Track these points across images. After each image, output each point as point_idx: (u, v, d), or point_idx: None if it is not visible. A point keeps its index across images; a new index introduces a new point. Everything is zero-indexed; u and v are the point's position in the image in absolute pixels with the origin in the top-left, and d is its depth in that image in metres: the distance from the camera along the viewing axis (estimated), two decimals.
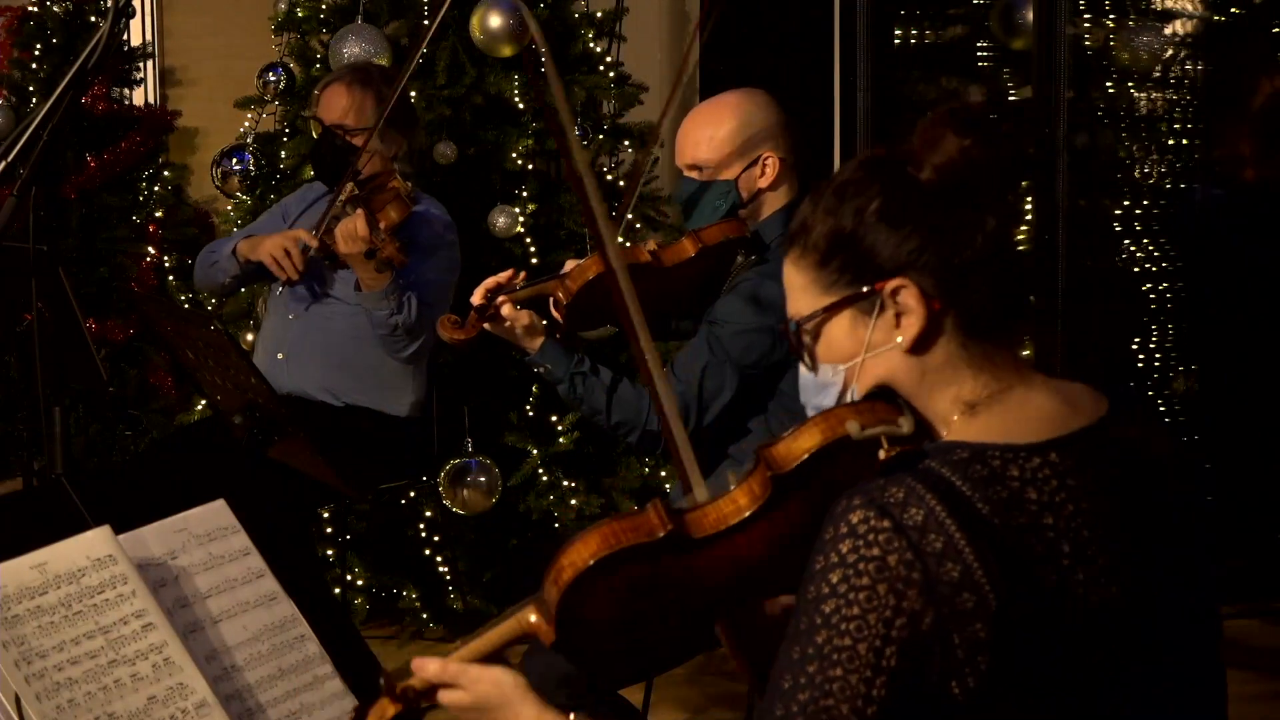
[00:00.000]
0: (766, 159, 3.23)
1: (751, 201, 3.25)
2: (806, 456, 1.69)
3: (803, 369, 1.78)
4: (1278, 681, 4.41)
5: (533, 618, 1.75)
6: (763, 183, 3.24)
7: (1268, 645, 4.63)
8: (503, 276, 3.21)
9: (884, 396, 1.71)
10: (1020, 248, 1.74)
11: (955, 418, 1.70)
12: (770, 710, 1.60)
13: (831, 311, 1.72)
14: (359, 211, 3.88)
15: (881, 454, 1.64)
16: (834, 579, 1.57)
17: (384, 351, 4.09)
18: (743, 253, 3.22)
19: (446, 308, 4.18)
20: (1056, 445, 1.65)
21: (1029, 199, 4.48)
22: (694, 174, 3.27)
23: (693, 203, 3.26)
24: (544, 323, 3.20)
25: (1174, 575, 1.70)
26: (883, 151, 1.74)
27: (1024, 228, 4.55)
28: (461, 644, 1.82)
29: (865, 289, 1.70)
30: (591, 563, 1.68)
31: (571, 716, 1.77)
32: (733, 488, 1.72)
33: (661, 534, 1.69)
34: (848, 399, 1.73)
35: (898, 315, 1.69)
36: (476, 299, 3.17)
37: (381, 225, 3.85)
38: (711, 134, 3.24)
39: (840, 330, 1.73)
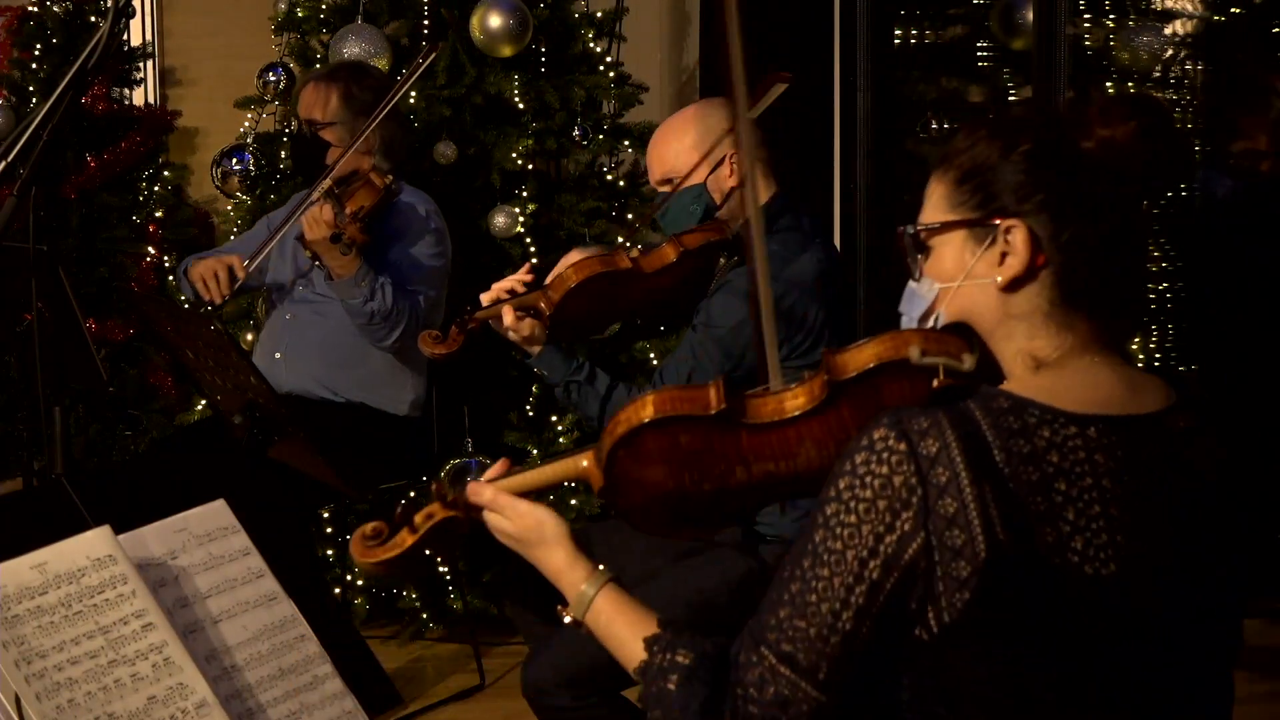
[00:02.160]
0: (732, 157, 3.22)
1: (726, 202, 3.25)
2: (865, 369, 1.77)
3: (909, 282, 1.83)
4: (1278, 681, 4.42)
5: (585, 462, 1.88)
6: (732, 181, 3.23)
7: (1268, 645, 4.63)
8: (520, 277, 3.23)
9: (960, 332, 1.77)
10: (1144, 249, 1.77)
11: (1019, 368, 1.74)
12: (769, 592, 1.70)
13: (948, 228, 1.77)
14: (326, 200, 3.92)
15: (935, 383, 1.72)
16: (842, 485, 1.66)
17: (368, 341, 4.11)
18: (724, 255, 3.22)
19: (435, 292, 4.19)
20: (1100, 421, 1.68)
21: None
22: (665, 188, 3.28)
23: (670, 215, 3.27)
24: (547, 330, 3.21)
25: (1187, 576, 1.71)
26: (1062, 108, 1.79)
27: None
28: (518, 470, 1.93)
29: (983, 219, 1.74)
30: (645, 420, 1.80)
31: (600, 568, 1.87)
32: (795, 385, 1.81)
33: (714, 410, 1.79)
34: (931, 322, 1.79)
35: (1003, 254, 1.73)
36: (486, 301, 3.21)
37: (348, 210, 3.88)
38: (676, 147, 3.26)
39: (950, 250, 1.78)
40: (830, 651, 1.65)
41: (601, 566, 1.87)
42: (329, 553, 4.65)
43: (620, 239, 3.33)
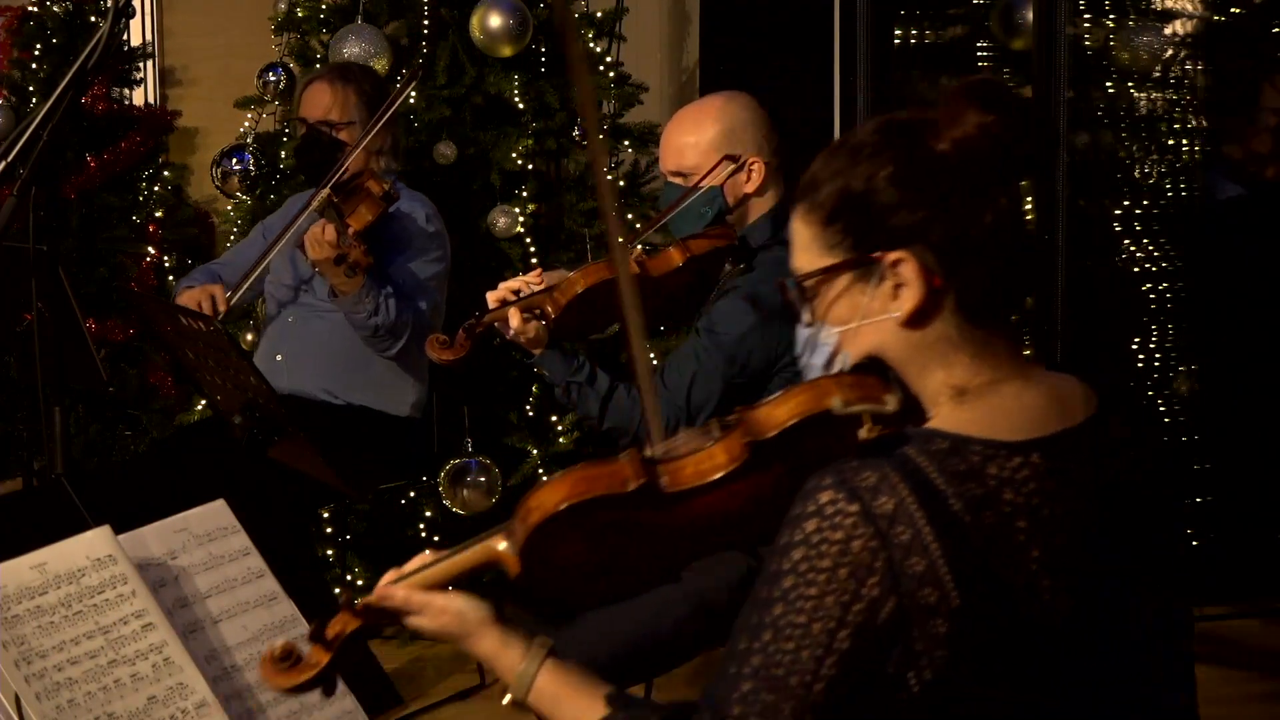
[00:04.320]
0: (752, 164, 3.21)
1: (738, 207, 3.23)
2: (786, 426, 1.67)
3: (800, 326, 1.76)
4: (1278, 681, 4.41)
5: (501, 545, 1.76)
6: (748, 188, 3.22)
7: (1268, 645, 4.63)
8: (528, 278, 3.22)
9: (875, 369, 1.69)
10: (1026, 234, 1.72)
11: (944, 401, 1.67)
12: (726, 666, 1.62)
13: (831, 273, 1.70)
14: (327, 217, 3.88)
15: (863, 432, 1.63)
16: (796, 556, 1.58)
17: (372, 350, 4.11)
18: (730, 260, 3.21)
19: (436, 299, 4.19)
20: (1040, 446, 1.63)
21: (1029, 199, 4.47)
22: (678, 180, 3.25)
23: (678, 209, 3.24)
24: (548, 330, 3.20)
25: (1141, 579, 1.68)
26: (902, 117, 1.71)
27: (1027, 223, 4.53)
28: (429, 562, 1.83)
29: (866, 256, 1.67)
30: (561, 508, 1.69)
31: (534, 644, 1.77)
32: (710, 444, 1.70)
33: (633, 486, 1.69)
34: (838, 364, 1.71)
35: (896, 286, 1.66)
36: (493, 302, 3.19)
37: (350, 229, 3.85)
38: (695, 140, 3.22)
39: (838, 292, 1.70)
40: None
41: (538, 639, 1.78)
42: (329, 553, 4.65)
43: (620, 239, 3.31)
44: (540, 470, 4.66)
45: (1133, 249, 5.01)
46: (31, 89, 5.21)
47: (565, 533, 1.71)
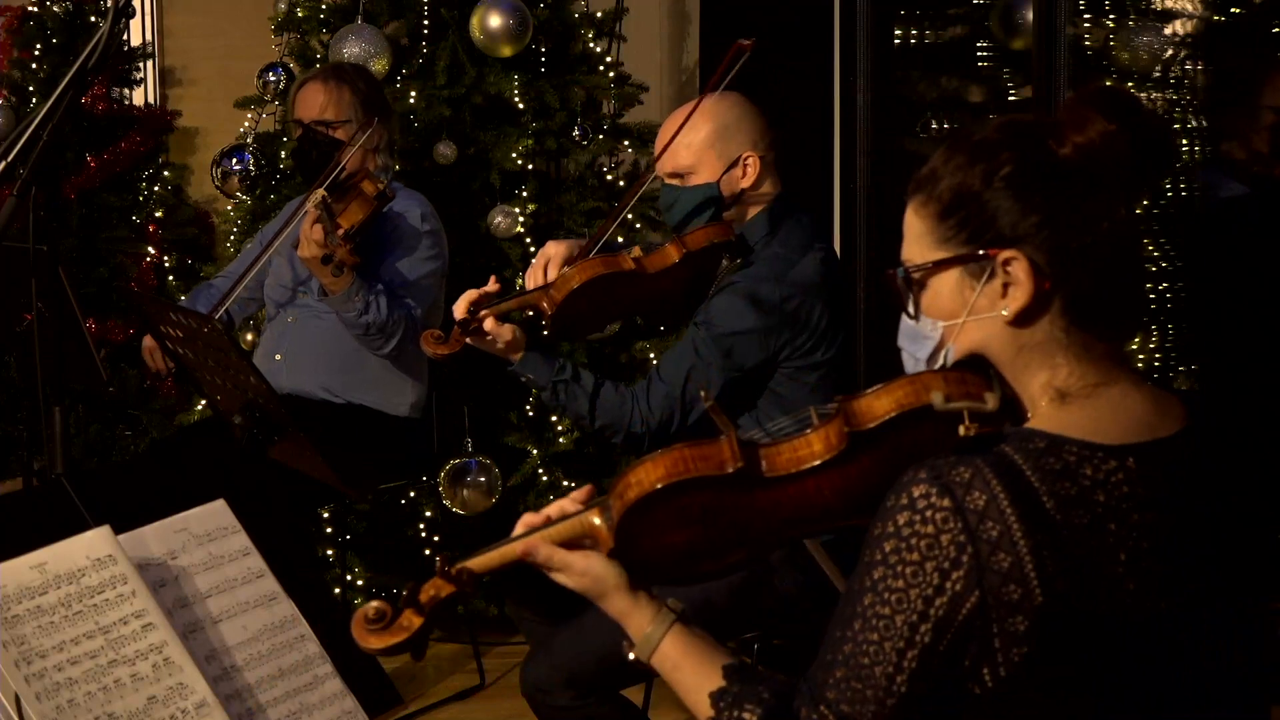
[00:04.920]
0: (747, 159, 3.20)
1: (735, 203, 3.23)
2: (886, 418, 1.70)
3: (904, 316, 1.77)
4: (1277, 681, 4.41)
5: (597, 520, 1.82)
6: (744, 183, 3.22)
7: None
8: (487, 289, 3.20)
9: (976, 367, 1.71)
10: (1142, 245, 1.72)
11: (1044, 402, 1.69)
12: (823, 652, 1.66)
13: (941, 267, 1.71)
14: (318, 216, 3.89)
15: (961, 429, 1.66)
16: (887, 548, 1.60)
17: (366, 350, 4.11)
18: (727, 256, 3.20)
19: (431, 298, 4.19)
20: (1136, 451, 1.64)
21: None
22: (675, 181, 3.24)
23: (676, 208, 3.24)
24: (525, 334, 3.19)
25: (1222, 593, 1.69)
26: (1028, 118, 1.72)
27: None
28: (517, 537, 1.85)
29: (979, 252, 1.68)
30: (658, 486, 1.74)
31: (665, 608, 1.82)
32: (809, 432, 1.74)
33: (731, 469, 1.73)
34: (940, 359, 1.73)
35: (1005, 285, 1.67)
36: (459, 313, 3.16)
37: (340, 229, 3.84)
38: (689, 140, 3.21)
39: (947, 286, 1.72)
40: (888, 713, 1.61)
41: (670, 602, 1.83)
42: (329, 553, 4.65)
43: (620, 239, 3.32)
44: (540, 470, 4.67)
45: None
46: (31, 89, 5.21)
47: (660, 511, 1.75)
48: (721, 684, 1.75)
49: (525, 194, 4.76)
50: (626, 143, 4.96)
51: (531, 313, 3.22)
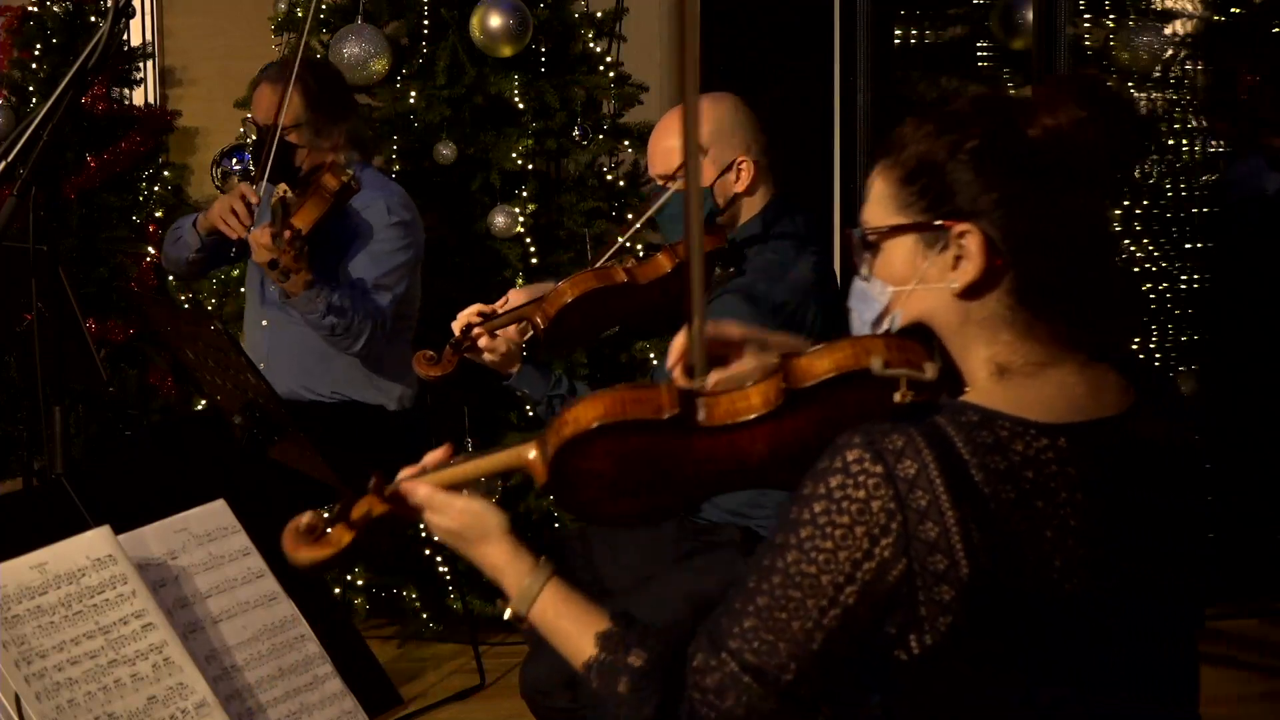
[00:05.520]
0: (741, 164, 3.19)
1: (728, 207, 3.22)
2: (824, 379, 1.71)
3: (856, 277, 1.78)
4: (1278, 681, 4.41)
5: (531, 454, 1.83)
6: (738, 188, 3.20)
7: (1268, 645, 4.63)
8: (485, 308, 3.19)
9: (920, 336, 1.72)
10: (1111, 235, 1.71)
11: (983, 376, 1.70)
12: (731, 601, 1.66)
13: (897, 231, 1.72)
14: (265, 222, 3.80)
15: (898, 396, 1.66)
16: (816, 509, 1.61)
17: (336, 350, 4.07)
18: (720, 264, 3.19)
19: (402, 290, 4.11)
20: (1068, 431, 1.64)
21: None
22: (668, 184, 3.23)
23: (668, 213, 3.22)
24: (524, 350, 3.18)
25: (1156, 575, 1.69)
26: (1001, 94, 1.73)
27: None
28: (458, 462, 1.90)
29: (935, 222, 1.69)
30: (594, 425, 1.74)
31: (541, 559, 1.82)
32: (748, 385, 1.75)
33: (667, 415, 1.74)
34: (885, 324, 1.74)
35: (957, 258, 1.68)
36: (457, 331, 3.16)
37: (290, 232, 3.72)
38: (682, 143, 3.20)
39: (900, 252, 1.72)
40: (798, 667, 1.62)
41: (544, 558, 1.82)
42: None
43: (620, 239, 3.31)
44: None
45: (1133, 249, 5.01)
46: (31, 89, 5.22)
47: (595, 450, 1.76)
48: (608, 625, 1.75)
49: (525, 194, 4.76)
50: (626, 143, 4.95)
51: (524, 326, 3.19)
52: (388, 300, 4.08)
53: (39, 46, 5.23)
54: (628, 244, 3.27)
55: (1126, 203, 4.99)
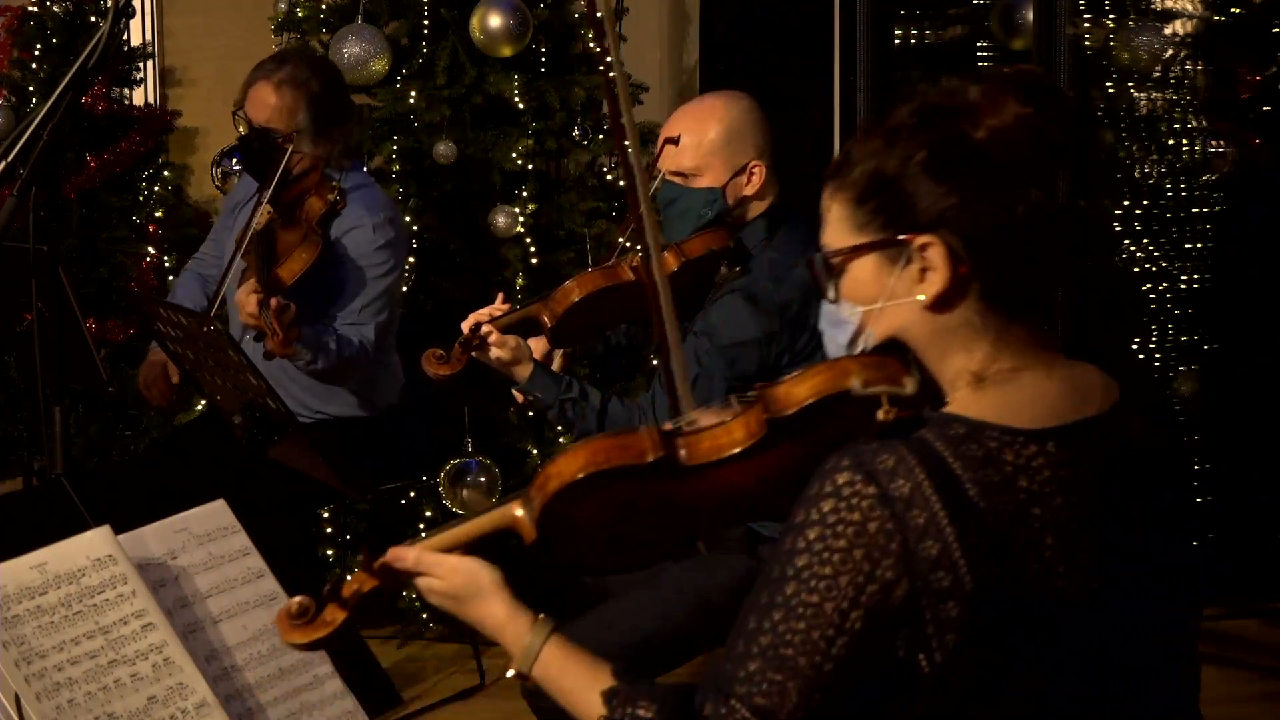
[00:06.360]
0: (754, 167, 3.18)
1: (736, 209, 3.21)
2: (805, 405, 1.69)
3: (824, 301, 1.77)
4: (1278, 681, 4.41)
5: (519, 512, 1.79)
6: (748, 190, 3.20)
7: (1268, 645, 4.63)
8: (494, 309, 3.19)
9: (895, 351, 1.71)
10: (1061, 230, 1.71)
11: (962, 386, 1.69)
12: (734, 645, 1.63)
13: (858, 252, 1.71)
14: (251, 284, 3.69)
15: (880, 414, 1.64)
16: (811, 536, 1.59)
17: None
18: (725, 263, 3.18)
19: (385, 316, 4.01)
20: (1056, 434, 1.64)
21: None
22: (676, 180, 3.22)
23: (676, 209, 3.22)
24: (531, 352, 3.17)
25: (1152, 572, 1.69)
26: (941, 100, 1.71)
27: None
28: (444, 528, 1.84)
29: (896, 237, 1.68)
30: (579, 476, 1.72)
31: (540, 617, 1.79)
32: (729, 419, 1.73)
33: (651, 458, 1.71)
34: (860, 344, 1.72)
35: (923, 270, 1.67)
36: (466, 330, 3.15)
37: (275, 301, 3.60)
38: (696, 140, 3.19)
39: (864, 272, 1.71)
40: (811, 704, 1.58)
41: (542, 615, 1.79)
42: (329, 553, 4.65)
43: (620, 239, 3.31)
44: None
45: (1133, 249, 5.01)
46: (31, 89, 5.21)
47: (582, 501, 1.73)
48: (613, 683, 1.72)
49: (525, 194, 4.76)
50: (626, 142, 4.94)
51: (531, 324, 3.18)
52: (373, 331, 3.96)
53: (39, 46, 5.22)
54: (627, 244, 3.27)
55: (1126, 203, 4.99)
